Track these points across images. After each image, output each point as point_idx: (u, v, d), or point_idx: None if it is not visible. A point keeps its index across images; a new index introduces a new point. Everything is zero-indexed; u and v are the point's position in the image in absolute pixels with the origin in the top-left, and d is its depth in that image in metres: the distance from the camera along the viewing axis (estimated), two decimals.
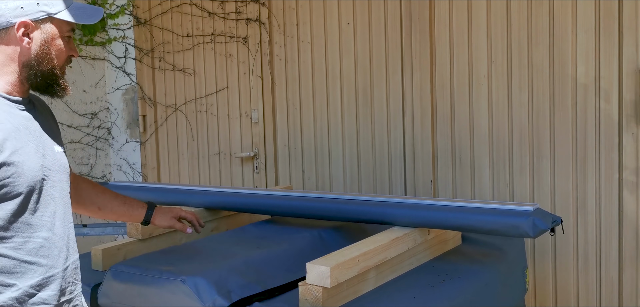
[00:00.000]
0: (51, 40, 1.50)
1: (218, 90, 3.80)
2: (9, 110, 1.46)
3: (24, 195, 1.42)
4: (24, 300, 1.43)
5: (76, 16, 1.53)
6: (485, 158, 2.97)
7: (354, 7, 3.27)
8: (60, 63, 1.53)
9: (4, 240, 1.41)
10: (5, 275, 1.41)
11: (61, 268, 1.51)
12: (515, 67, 2.86)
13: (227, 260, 1.98)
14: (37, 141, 1.49)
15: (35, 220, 1.46)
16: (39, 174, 1.46)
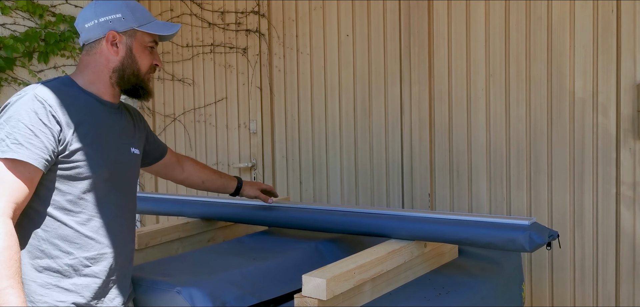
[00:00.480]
0: (135, 49, 1.76)
1: (217, 100, 3.81)
2: (98, 109, 1.73)
3: (94, 178, 1.67)
4: (78, 268, 1.66)
5: (156, 28, 1.78)
6: (482, 171, 2.97)
7: (353, 19, 3.28)
8: (144, 69, 1.78)
9: (71, 213, 1.65)
10: (67, 243, 1.65)
11: (115, 250, 1.73)
12: (513, 81, 2.87)
13: (223, 271, 1.98)
14: (116, 139, 1.76)
15: (100, 203, 1.69)
16: (110, 165, 1.71)
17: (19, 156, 1.52)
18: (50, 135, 1.57)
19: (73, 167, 1.62)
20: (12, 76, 3.55)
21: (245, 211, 2.49)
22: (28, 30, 3.60)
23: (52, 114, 1.58)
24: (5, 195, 1.51)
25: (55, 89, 1.65)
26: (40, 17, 3.67)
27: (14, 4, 3.55)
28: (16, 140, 1.53)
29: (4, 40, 3.45)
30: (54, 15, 3.73)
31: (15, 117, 1.56)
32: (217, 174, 2.30)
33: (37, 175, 1.57)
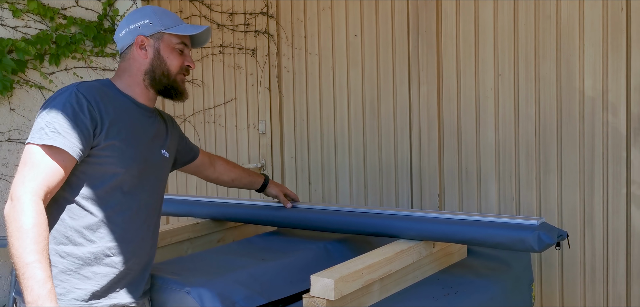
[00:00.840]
0: (162, 51, 1.85)
1: (226, 101, 3.83)
2: (133, 110, 1.83)
3: (123, 174, 1.75)
4: (99, 256, 1.73)
5: (182, 30, 1.86)
6: (491, 171, 2.96)
7: (361, 20, 3.29)
8: (174, 70, 1.87)
9: (98, 204, 1.73)
10: (91, 232, 1.72)
11: (135, 244, 1.80)
12: (523, 80, 2.86)
13: (232, 271, 1.99)
14: (148, 140, 1.85)
15: (127, 197, 1.77)
16: (139, 163, 1.79)
17: (56, 143, 1.62)
18: (87, 128, 1.66)
19: (105, 161, 1.71)
20: (23, 78, 3.58)
21: (254, 211, 2.51)
22: (39, 33, 3.64)
23: (89, 108, 1.68)
24: (39, 177, 1.60)
25: (95, 87, 1.77)
26: (51, 20, 3.70)
27: (25, 7, 3.58)
28: (55, 130, 1.63)
29: (16, 43, 3.48)
30: (64, 18, 3.77)
31: (55, 109, 1.67)
32: (246, 172, 2.42)
33: (71, 163, 1.66)
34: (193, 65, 1.92)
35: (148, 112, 1.90)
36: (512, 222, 1.94)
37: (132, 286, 1.82)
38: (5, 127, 3.44)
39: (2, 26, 3.49)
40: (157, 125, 1.93)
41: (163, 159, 1.93)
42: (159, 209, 1.94)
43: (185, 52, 1.90)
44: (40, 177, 1.60)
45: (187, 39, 1.90)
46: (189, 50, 1.92)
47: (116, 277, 1.77)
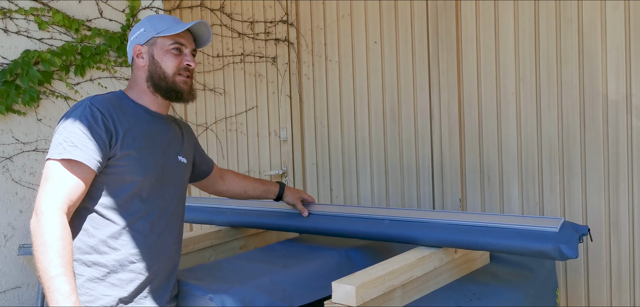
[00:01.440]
0: (156, 55, 1.86)
1: (248, 109, 3.86)
2: (147, 119, 1.86)
3: (141, 181, 1.78)
4: (124, 263, 1.76)
5: (173, 29, 1.86)
6: (514, 176, 2.94)
7: (381, 26, 3.29)
8: (170, 71, 1.86)
9: (119, 213, 1.76)
10: (114, 240, 1.76)
11: (158, 250, 1.83)
12: (544, 84, 2.83)
13: (254, 278, 2.00)
14: (165, 147, 1.88)
15: (147, 205, 1.80)
16: (157, 170, 1.82)
17: (74, 156, 1.66)
18: (102, 139, 1.70)
19: (122, 170, 1.75)
20: (49, 89, 3.66)
21: (271, 220, 2.50)
22: (65, 44, 3.71)
23: (104, 120, 1.72)
24: (61, 192, 1.64)
25: (108, 99, 1.81)
26: (77, 32, 3.77)
27: (50, 19, 3.66)
28: (72, 143, 1.68)
29: (42, 55, 3.56)
30: (89, 29, 3.84)
31: (71, 124, 1.72)
32: (259, 182, 2.39)
33: (90, 175, 1.70)
34: (192, 64, 1.90)
35: (162, 120, 1.92)
36: (533, 229, 1.91)
37: (159, 292, 1.85)
38: (33, 137, 3.51)
39: (28, 38, 3.56)
40: (172, 132, 1.95)
41: (181, 165, 1.95)
42: (181, 215, 1.97)
43: (184, 52, 1.89)
44: (62, 191, 1.64)
45: (184, 38, 1.90)
46: (189, 49, 1.91)
47: (142, 283, 1.80)
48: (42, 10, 3.60)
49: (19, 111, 3.50)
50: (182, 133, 2.03)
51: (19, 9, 3.50)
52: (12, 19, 3.50)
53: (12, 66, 3.43)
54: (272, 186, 2.41)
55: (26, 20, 3.56)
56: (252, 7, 3.77)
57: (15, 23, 3.52)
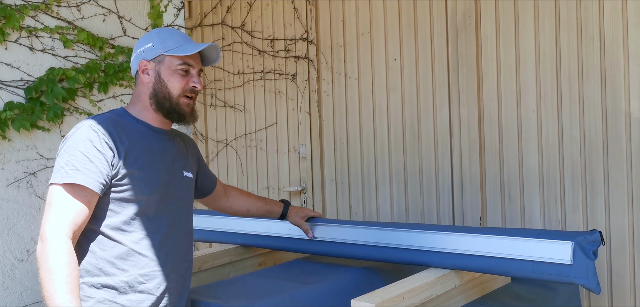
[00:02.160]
0: (163, 74, 1.82)
1: (267, 126, 3.88)
2: (150, 135, 1.83)
3: (146, 200, 1.76)
4: (133, 284, 1.74)
5: (182, 50, 1.81)
6: (535, 195, 2.91)
7: (401, 43, 3.30)
8: (175, 93, 1.82)
9: (126, 233, 1.74)
10: (122, 261, 1.73)
11: (168, 268, 1.81)
12: (566, 101, 2.81)
13: (273, 295, 2.01)
14: (168, 163, 1.85)
15: (153, 223, 1.78)
16: (161, 187, 1.79)
17: (76, 180, 1.64)
18: (104, 160, 1.68)
19: (126, 189, 1.73)
20: (74, 106, 3.72)
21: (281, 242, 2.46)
22: (89, 62, 3.77)
23: (105, 141, 1.70)
24: (65, 216, 1.62)
25: (108, 119, 1.77)
26: (100, 49, 3.84)
27: (75, 37, 3.73)
28: (74, 167, 1.66)
29: (67, 72, 3.62)
30: (113, 47, 3.90)
31: (72, 147, 1.69)
32: (263, 201, 2.32)
33: (94, 198, 1.68)
34: (199, 86, 1.85)
35: (165, 135, 1.88)
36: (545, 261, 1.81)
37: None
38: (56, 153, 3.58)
39: (53, 56, 3.63)
40: (176, 147, 1.92)
41: (186, 180, 1.92)
42: (190, 230, 1.93)
43: (191, 73, 1.84)
44: (66, 215, 1.62)
45: (193, 59, 1.84)
46: (197, 70, 1.86)
47: (153, 303, 1.77)
48: (67, 29, 3.68)
49: (43, 127, 3.56)
50: (186, 148, 2.00)
51: (44, 27, 3.58)
52: (38, 37, 3.58)
53: (37, 83, 3.50)
54: (276, 206, 2.34)
55: (51, 38, 3.63)
56: (273, 24, 3.81)
57: (40, 41, 3.59)
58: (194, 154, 2.05)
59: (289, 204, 2.38)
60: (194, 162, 2.04)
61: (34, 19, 3.55)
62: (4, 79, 3.42)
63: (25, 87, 3.50)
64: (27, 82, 3.52)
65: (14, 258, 3.40)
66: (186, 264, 1.90)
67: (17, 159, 3.45)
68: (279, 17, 3.78)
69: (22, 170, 3.47)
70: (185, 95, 1.84)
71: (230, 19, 3.99)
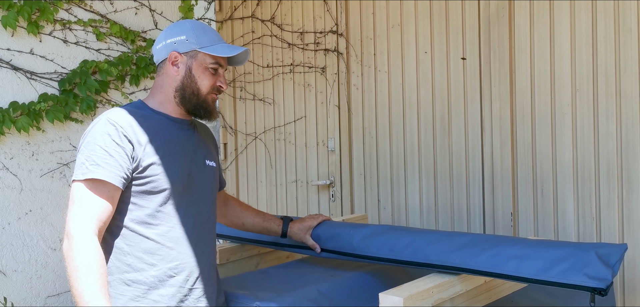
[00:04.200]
0: (194, 69, 1.80)
1: (296, 119, 3.88)
2: (170, 126, 1.81)
3: (169, 191, 1.74)
4: (163, 278, 1.72)
5: (217, 50, 1.80)
6: (569, 191, 2.84)
7: (431, 36, 3.26)
8: (204, 90, 1.81)
9: (151, 226, 1.72)
10: (150, 255, 1.72)
11: (195, 259, 1.79)
12: (602, 95, 2.74)
13: (301, 287, 2.00)
14: (190, 153, 1.82)
15: (178, 214, 1.76)
16: (183, 177, 1.77)
17: (97, 175, 1.63)
18: (124, 153, 1.67)
19: (148, 182, 1.71)
20: (106, 98, 3.77)
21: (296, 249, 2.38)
22: (121, 55, 3.82)
23: (123, 134, 1.68)
24: (89, 213, 1.61)
25: (126, 111, 1.76)
26: (132, 43, 3.88)
27: (108, 30, 3.78)
28: (94, 162, 1.64)
29: (99, 65, 3.67)
30: (144, 40, 3.94)
31: (92, 142, 1.68)
32: (260, 217, 2.21)
33: (116, 192, 1.67)
34: (225, 86, 1.85)
35: (185, 125, 1.86)
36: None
37: (203, 300, 1.82)
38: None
39: (86, 49, 3.69)
40: (197, 137, 1.90)
41: (209, 169, 1.89)
42: (213, 220, 1.91)
43: (219, 72, 1.84)
44: (90, 212, 1.60)
45: (223, 59, 1.84)
46: (224, 69, 1.86)
47: (184, 295, 1.76)
48: (100, 22, 3.73)
49: (76, 119, 3.62)
50: (206, 138, 1.98)
51: (78, 20, 3.64)
52: (72, 30, 3.64)
53: (71, 76, 3.56)
54: (274, 223, 2.19)
55: (85, 31, 3.69)
56: (303, 17, 3.80)
57: (74, 34, 3.65)
58: (214, 144, 2.03)
59: (289, 221, 2.21)
60: (215, 152, 2.02)
61: (68, 12, 3.60)
62: (39, 71, 3.49)
63: (59, 79, 3.56)
64: (61, 75, 3.58)
65: (47, 247, 3.47)
66: (212, 253, 1.89)
67: (51, 150, 3.51)
68: (309, 10, 3.77)
69: (55, 161, 3.53)
70: (212, 93, 1.83)
71: (260, 12, 3.99)
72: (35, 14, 3.44)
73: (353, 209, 3.63)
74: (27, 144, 3.44)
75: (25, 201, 3.41)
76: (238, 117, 4.19)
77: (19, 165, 3.41)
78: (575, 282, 1.64)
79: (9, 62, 3.36)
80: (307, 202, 3.84)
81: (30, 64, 3.45)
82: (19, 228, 3.39)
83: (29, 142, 3.45)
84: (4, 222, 3.34)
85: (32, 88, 3.45)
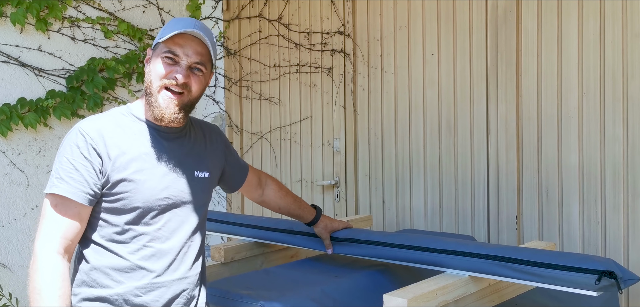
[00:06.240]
0: (152, 62, 1.64)
1: (302, 119, 3.88)
2: (150, 136, 1.65)
3: (141, 209, 1.60)
4: (128, 298, 1.59)
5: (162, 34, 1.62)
6: (574, 194, 2.84)
7: (438, 38, 3.26)
8: (155, 81, 1.62)
9: (120, 243, 1.60)
10: (118, 272, 1.59)
11: (169, 279, 1.65)
12: (609, 99, 2.73)
13: (305, 288, 2.01)
14: (173, 165, 1.66)
15: (150, 231, 1.62)
16: (160, 193, 1.62)
17: (60, 191, 1.52)
18: (91, 168, 1.54)
19: (117, 199, 1.58)
20: (113, 96, 3.79)
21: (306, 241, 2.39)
22: (128, 52, 3.84)
23: (92, 146, 1.55)
24: (53, 230, 1.52)
25: (103, 120, 1.63)
26: (140, 41, 3.90)
27: (116, 28, 3.80)
28: (59, 176, 1.54)
29: (107, 62, 3.69)
30: (152, 38, 3.96)
31: (61, 153, 1.58)
32: (297, 204, 2.17)
33: (84, 209, 1.55)
34: (177, 79, 1.60)
35: (173, 134, 1.69)
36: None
37: None
38: None
39: (94, 46, 3.71)
40: (187, 145, 1.73)
41: (198, 181, 1.72)
42: (199, 234, 1.74)
43: (180, 63, 1.61)
44: (54, 229, 1.51)
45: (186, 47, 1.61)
46: (188, 62, 1.62)
47: None
48: (108, 20, 3.75)
49: (83, 116, 3.63)
50: (205, 142, 1.80)
51: (86, 18, 3.65)
52: (80, 28, 3.65)
53: (79, 73, 3.58)
54: (308, 212, 2.18)
55: (93, 29, 3.71)
56: (309, 18, 3.80)
57: (82, 31, 3.67)
58: (217, 148, 1.86)
59: (320, 214, 2.21)
60: (217, 157, 1.85)
61: (76, 10, 3.62)
62: (47, 68, 3.51)
63: (66, 76, 3.58)
64: (69, 72, 3.60)
65: None
66: (193, 271, 1.72)
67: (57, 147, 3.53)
68: (316, 10, 3.77)
69: None
70: (165, 87, 1.61)
71: (268, 11, 4.00)
72: (43, 11, 3.46)
73: (357, 209, 3.64)
74: (34, 140, 3.46)
75: (31, 196, 3.43)
76: (244, 117, 4.20)
77: (26, 161, 3.43)
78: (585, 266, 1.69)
79: (18, 59, 3.38)
80: (311, 202, 3.84)
81: (39, 60, 3.47)
82: (25, 224, 3.41)
83: (36, 138, 3.47)
84: (10, 218, 3.36)
85: (40, 85, 3.47)
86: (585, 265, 1.69)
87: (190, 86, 1.63)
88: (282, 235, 2.42)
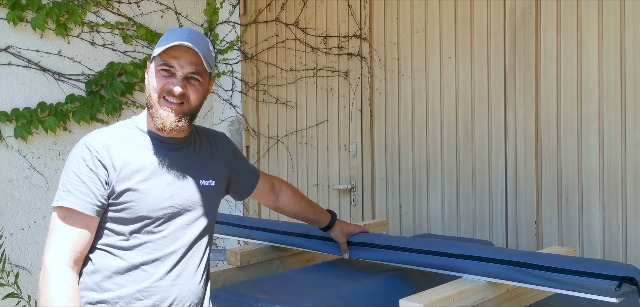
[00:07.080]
0: (150, 74, 1.70)
1: (318, 123, 3.88)
2: (153, 147, 1.69)
3: (145, 218, 1.64)
4: (129, 301, 1.63)
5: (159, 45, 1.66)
6: (595, 199, 2.80)
7: (456, 41, 3.23)
8: (154, 93, 1.67)
9: (124, 249, 1.63)
10: (119, 276, 1.63)
11: (170, 284, 1.67)
12: (630, 103, 2.69)
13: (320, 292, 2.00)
14: (178, 174, 1.70)
15: (155, 239, 1.65)
16: (164, 202, 1.66)
17: (67, 203, 1.57)
18: (97, 180, 1.59)
19: (123, 209, 1.62)
20: (131, 100, 3.82)
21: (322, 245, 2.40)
22: (146, 57, 3.87)
23: (98, 158, 1.60)
24: (62, 242, 1.56)
25: (105, 132, 1.68)
26: None
27: (134, 33, 3.83)
28: (67, 189, 1.59)
29: (125, 67, 3.73)
30: None
31: (68, 167, 1.63)
32: (312, 209, 2.18)
33: (92, 220, 1.60)
34: (175, 91, 1.64)
35: (177, 144, 1.73)
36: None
37: None
38: None
39: (113, 51, 3.74)
40: (192, 155, 1.76)
41: (204, 190, 1.75)
42: (203, 242, 1.76)
43: (176, 74, 1.65)
44: (63, 241, 1.56)
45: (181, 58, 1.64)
46: (184, 72, 1.66)
47: None
48: (126, 25, 3.78)
49: (102, 120, 3.67)
50: (211, 150, 1.83)
51: (105, 23, 3.69)
52: (99, 33, 3.69)
53: (98, 77, 3.61)
54: (324, 216, 2.19)
55: (112, 33, 3.74)
56: (326, 22, 3.80)
57: (101, 36, 3.71)
58: (224, 155, 1.88)
59: (336, 218, 2.23)
60: (223, 165, 1.87)
61: (96, 15, 3.66)
62: (66, 73, 3.55)
63: (85, 80, 3.61)
64: (88, 76, 3.63)
65: None
66: (196, 279, 1.73)
67: None
68: (333, 14, 3.77)
69: None
70: (164, 97, 1.65)
71: (284, 16, 4.01)
72: (63, 17, 3.50)
73: (374, 214, 3.62)
74: (53, 144, 3.50)
75: (51, 200, 3.47)
76: (261, 120, 4.21)
77: (46, 164, 3.47)
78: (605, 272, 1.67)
79: (38, 64, 3.42)
80: (328, 207, 3.83)
81: (58, 65, 3.52)
82: (45, 227, 3.45)
83: (56, 142, 3.51)
84: (30, 221, 3.41)
85: (60, 89, 3.51)
86: (606, 271, 1.67)
87: (188, 96, 1.68)
88: (298, 239, 2.42)
